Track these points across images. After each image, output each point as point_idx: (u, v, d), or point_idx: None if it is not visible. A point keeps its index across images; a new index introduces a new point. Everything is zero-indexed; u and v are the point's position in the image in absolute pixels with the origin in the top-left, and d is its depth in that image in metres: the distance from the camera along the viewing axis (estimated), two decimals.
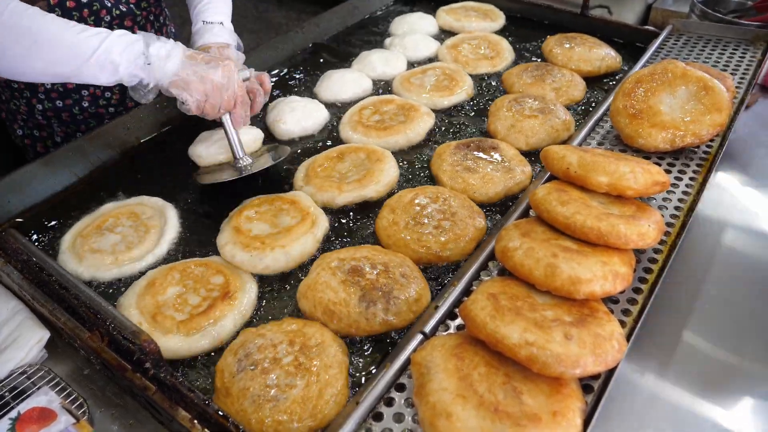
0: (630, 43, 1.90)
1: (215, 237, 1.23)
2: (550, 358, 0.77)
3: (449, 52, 1.86)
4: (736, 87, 1.52)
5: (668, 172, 1.27)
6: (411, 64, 1.86)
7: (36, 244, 1.23)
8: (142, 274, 1.15)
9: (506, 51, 1.87)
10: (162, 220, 1.25)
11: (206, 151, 1.43)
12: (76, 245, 1.19)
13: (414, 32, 1.99)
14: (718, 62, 1.65)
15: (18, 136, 1.66)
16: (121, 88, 1.60)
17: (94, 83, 1.14)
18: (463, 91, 1.66)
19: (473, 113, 1.62)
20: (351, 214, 1.29)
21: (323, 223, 1.22)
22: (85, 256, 1.16)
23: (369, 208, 1.30)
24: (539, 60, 1.84)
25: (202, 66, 1.22)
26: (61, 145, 1.58)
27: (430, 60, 1.88)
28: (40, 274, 1.01)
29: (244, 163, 1.34)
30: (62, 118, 1.58)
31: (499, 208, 1.29)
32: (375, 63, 1.80)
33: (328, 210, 1.29)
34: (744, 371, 1.02)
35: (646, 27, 2.02)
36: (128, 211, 1.27)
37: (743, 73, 1.59)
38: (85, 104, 1.58)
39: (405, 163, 1.43)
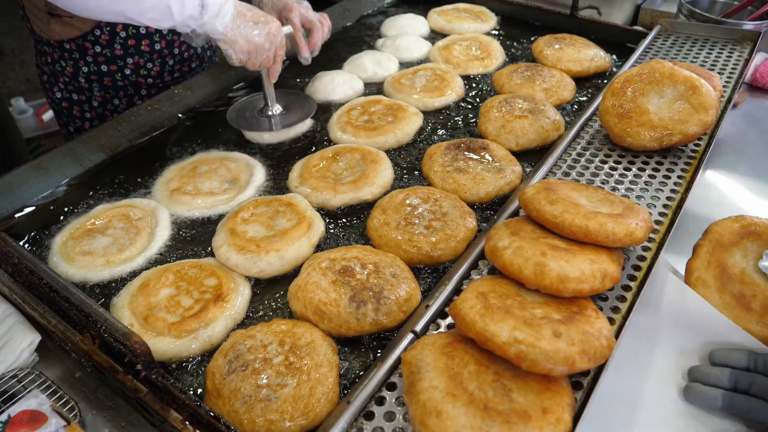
0: (619, 43, 1.92)
1: (208, 238, 1.23)
2: (539, 355, 0.77)
3: (440, 53, 1.87)
4: (723, 86, 1.54)
5: (656, 170, 1.28)
6: (403, 65, 1.87)
7: (27, 247, 1.22)
8: (133, 275, 1.15)
9: (497, 52, 1.88)
10: (153, 221, 1.25)
11: None
12: (67, 247, 1.19)
13: (405, 33, 2.00)
14: (706, 62, 1.67)
15: (56, 99, 1.73)
16: (161, 63, 1.70)
17: (151, 25, 1.23)
18: (454, 92, 1.67)
19: (464, 114, 1.62)
20: (346, 215, 1.29)
21: (319, 227, 1.22)
22: (75, 258, 1.16)
23: (364, 210, 1.30)
24: (530, 61, 1.85)
25: (249, 26, 1.32)
26: (98, 109, 1.72)
27: (422, 61, 1.89)
28: (30, 277, 1.01)
29: (275, 112, 1.54)
30: (104, 83, 1.67)
31: (490, 208, 1.30)
32: (366, 64, 1.81)
33: (322, 211, 1.29)
34: None
35: (635, 27, 2.03)
36: (119, 213, 1.27)
37: (730, 73, 1.61)
38: (128, 71, 1.66)
39: (396, 163, 1.44)
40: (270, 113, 1.55)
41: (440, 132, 1.56)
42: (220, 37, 1.29)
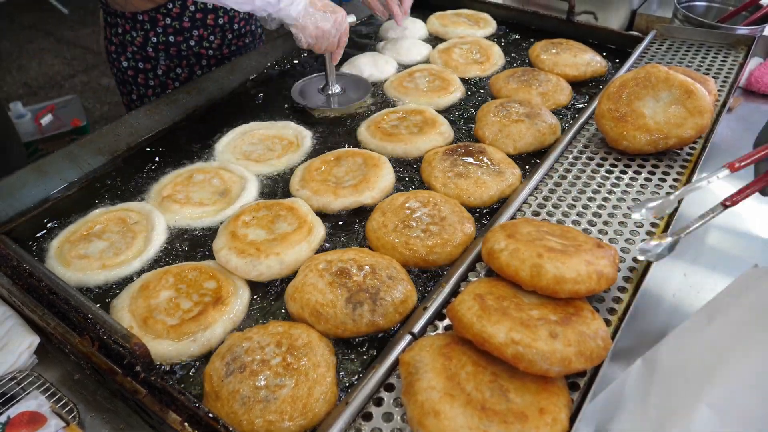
0: (615, 48, 1.93)
1: (206, 241, 1.24)
2: (536, 356, 0.78)
3: (440, 56, 1.88)
4: (718, 90, 1.55)
5: (652, 173, 1.29)
6: (403, 68, 1.89)
7: (25, 249, 1.22)
8: (129, 279, 1.15)
9: (496, 56, 1.90)
10: (150, 225, 1.25)
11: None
12: (64, 251, 1.19)
13: (405, 37, 2.02)
14: (701, 66, 1.68)
15: (122, 68, 1.86)
16: (222, 36, 1.86)
17: (235, 8, 1.43)
18: (457, 89, 1.70)
19: (461, 117, 1.63)
20: (347, 219, 1.30)
21: (320, 232, 1.22)
22: (72, 261, 1.16)
23: (364, 214, 1.30)
24: (527, 65, 1.86)
25: (319, 14, 1.52)
26: (161, 77, 1.86)
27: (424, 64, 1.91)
28: (29, 280, 1.01)
29: (333, 92, 1.72)
30: (170, 52, 1.82)
31: (491, 213, 1.29)
32: (362, 66, 1.82)
33: (323, 214, 1.30)
34: None
35: (631, 32, 2.05)
36: (115, 217, 1.27)
37: (725, 77, 1.62)
38: (192, 43, 1.82)
39: (396, 167, 1.44)
40: (330, 92, 1.72)
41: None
42: (292, 22, 1.49)
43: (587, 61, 1.76)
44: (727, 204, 1.05)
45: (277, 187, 1.40)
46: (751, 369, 0.79)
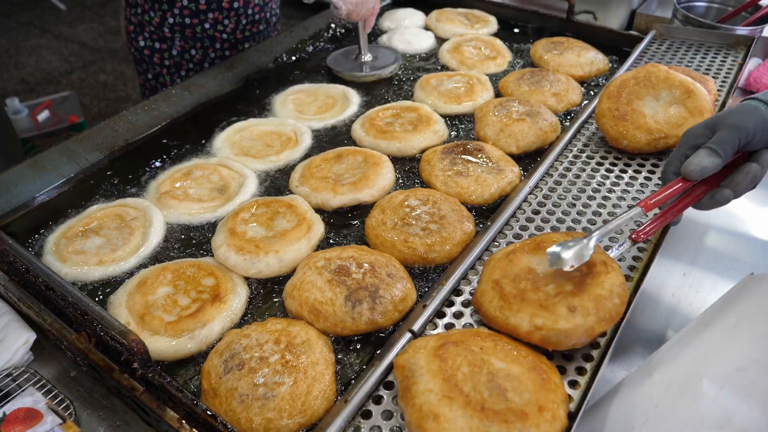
0: (615, 47, 1.93)
1: (204, 238, 1.23)
2: (561, 335, 0.84)
3: (452, 56, 1.86)
4: (718, 90, 1.55)
5: (652, 173, 1.29)
6: (411, 57, 1.93)
7: (22, 245, 1.21)
8: (126, 275, 1.14)
9: (504, 50, 1.90)
10: (147, 222, 1.25)
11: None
12: (60, 247, 1.18)
13: (407, 26, 2.05)
14: (701, 66, 1.68)
15: (139, 47, 1.94)
16: (236, 20, 1.92)
17: None
18: (472, 102, 1.64)
19: (459, 118, 1.62)
20: (346, 216, 1.29)
21: (319, 229, 1.22)
22: (69, 257, 1.15)
23: (363, 211, 1.29)
24: (527, 65, 1.86)
25: None
26: (176, 57, 1.95)
27: (430, 52, 1.96)
28: (26, 276, 1.00)
29: (366, 59, 1.83)
30: (185, 33, 1.89)
31: (492, 210, 1.29)
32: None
33: (322, 211, 1.29)
34: None
35: (630, 32, 2.05)
36: (113, 213, 1.26)
37: (725, 77, 1.62)
38: (207, 26, 1.89)
39: (397, 166, 1.43)
40: (363, 60, 1.82)
41: None
42: None
43: (591, 60, 1.76)
44: (633, 238, 0.96)
45: (275, 184, 1.40)
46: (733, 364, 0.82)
